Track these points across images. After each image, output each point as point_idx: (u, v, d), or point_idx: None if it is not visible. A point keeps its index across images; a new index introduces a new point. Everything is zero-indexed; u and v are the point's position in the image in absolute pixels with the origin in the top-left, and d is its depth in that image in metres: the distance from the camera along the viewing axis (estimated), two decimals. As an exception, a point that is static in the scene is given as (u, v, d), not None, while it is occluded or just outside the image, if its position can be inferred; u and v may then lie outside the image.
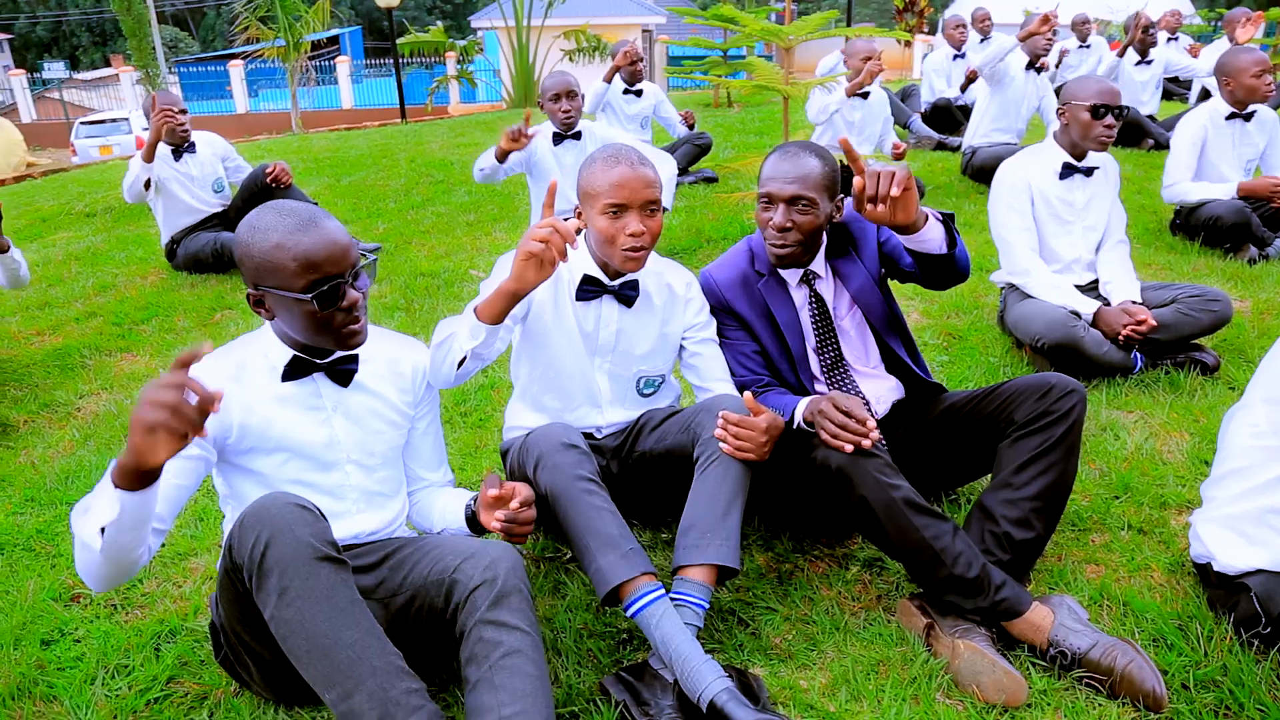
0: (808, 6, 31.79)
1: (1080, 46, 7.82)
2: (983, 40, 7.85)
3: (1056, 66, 7.37)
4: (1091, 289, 3.13)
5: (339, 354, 1.70)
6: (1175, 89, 8.13)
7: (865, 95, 4.91)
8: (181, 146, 4.51)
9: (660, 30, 21.66)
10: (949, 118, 6.59)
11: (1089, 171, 3.05)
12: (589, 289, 2.05)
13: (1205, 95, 7.09)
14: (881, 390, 2.23)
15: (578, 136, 4.27)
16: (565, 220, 1.75)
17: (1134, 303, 2.92)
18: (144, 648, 1.94)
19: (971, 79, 6.47)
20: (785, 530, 2.21)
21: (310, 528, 1.43)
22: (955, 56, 6.85)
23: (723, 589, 2.02)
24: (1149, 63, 6.35)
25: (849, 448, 1.77)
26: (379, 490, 1.81)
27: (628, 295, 2.07)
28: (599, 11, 18.76)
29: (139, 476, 1.32)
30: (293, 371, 1.67)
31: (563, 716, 1.69)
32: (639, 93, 5.96)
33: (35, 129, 20.96)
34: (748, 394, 1.85)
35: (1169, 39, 8.04)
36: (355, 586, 1.47)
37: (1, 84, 26.12)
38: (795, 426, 1.95)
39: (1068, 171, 3.03)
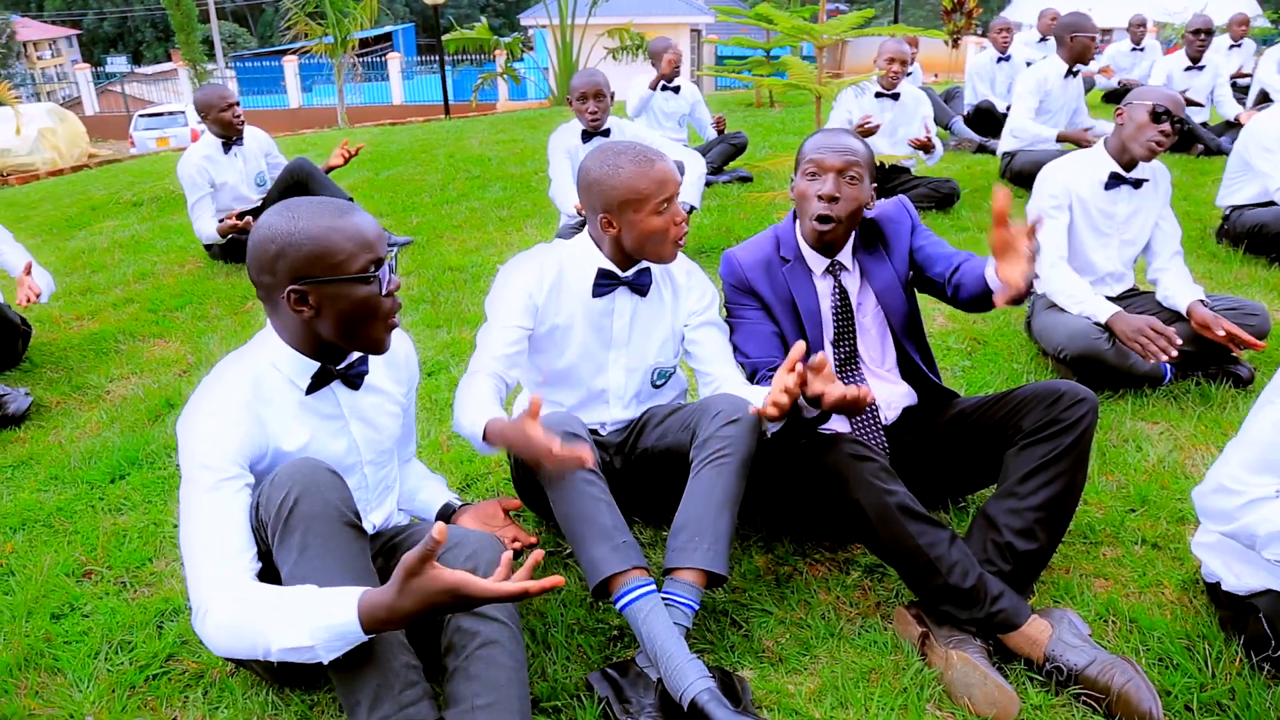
0: (864, 8, 31.41)
1: (1133, 49, 7.63)
2: (1041, 40, 7.69)
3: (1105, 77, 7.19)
4: (1124, 298, 3.04)
5: (352, 358, 1.65)
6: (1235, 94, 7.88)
7: (895, 96, 4.83)
8: (233, 139, 4.59)
9: (709, 30, 21.57)
10: (992, 121, 6.47)
11: (1138, 184, 2.94)
12: (604, 283, 2.04)
13: (1264, 99, 6.86)
14: (893, 395, 2.19)
15: (607, 134, 4.27)
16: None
17: (1202, 301, 2.80)
18: (147, 625, 1.98)
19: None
20: (787, 532, 2.18)
21: (338, 493, 1.45)
22: (999, 59, 6.71)
23: (717, 589, 2.00)
24: (1200, 68, 6.16)
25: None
26: (387, 484, 1.83)
27: (642, 284, 2.06)
28: (645, 10, 18.75)
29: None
30: (317, 383, 1.60)
31: (546, 710, 1.69)
32: (676, 89, 5.94)
33: (98, 121, 21.61)
34: (799, 344, 1.68)
35: (1232, 45, 7.78)
36: (370, 558, 1.49)
37: (69, 78, 26.96)
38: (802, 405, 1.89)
39: (1114, 182, 2.92)
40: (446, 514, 1.95)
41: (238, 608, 1.35)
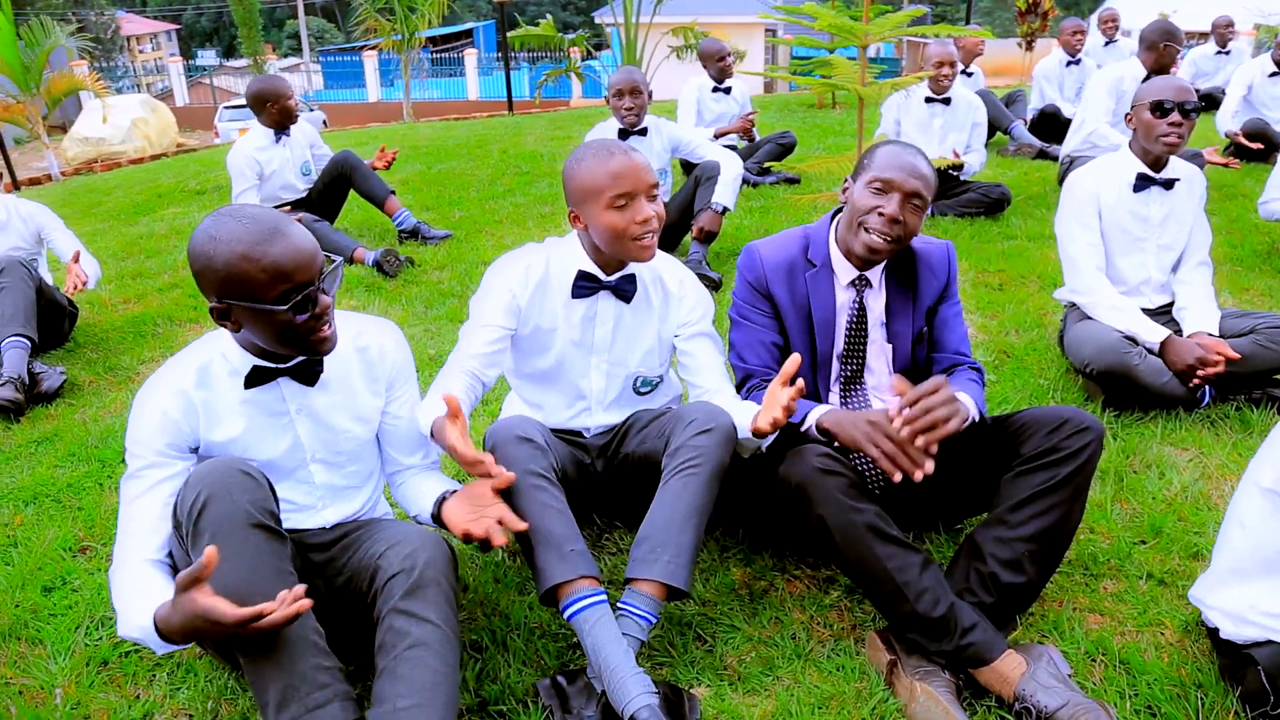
0: (945, 10, 30.69)
1: (1218, 52, 7.25)
2: (1107, 44, 7.36)
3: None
4: (1164, 313, 2.86)
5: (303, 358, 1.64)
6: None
7: (947, 101, 4.66)
8: (285, 128, 4.69)
9: (774, 28, 21.22)
10: (1056, 125, 6.19)
11: (1169, 184, 2.78)
12: (584, 285, 1.99)
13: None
14: None
15: (643, 133, 4.23)
16: None
17: (1210, 335, 2.64)
18: (129, 603, 2.02)
19: None
20: (769, 546, 2.11)
21: (250, 494, 1.44)
22: (1069, 63, 6.42)
23: (688, 601, 1.95)
24: (1289, 73, 5.78)
25: (899, 475, 1.62)
26: (346, 484, 1.79)
27: (625, 290, 2.01)
28: (711, 9, 18.56)
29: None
30: (254, 379, 1.62)
31: (492, 714, 1.67)
32: (727, 90, 5.86)
33: (187, 112, 22.46)
34: (795, 357, 1.69)
35: None
36: (288, 559, 1.48)
37: (167, 71, 28.12)
38: (804, 429, 1.83)
39: (1143, 184, 2.77)
40: (441, 502, 1.85)
41: (115, 586, 1.49)
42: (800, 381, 1.64)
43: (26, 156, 16.01)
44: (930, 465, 1.61)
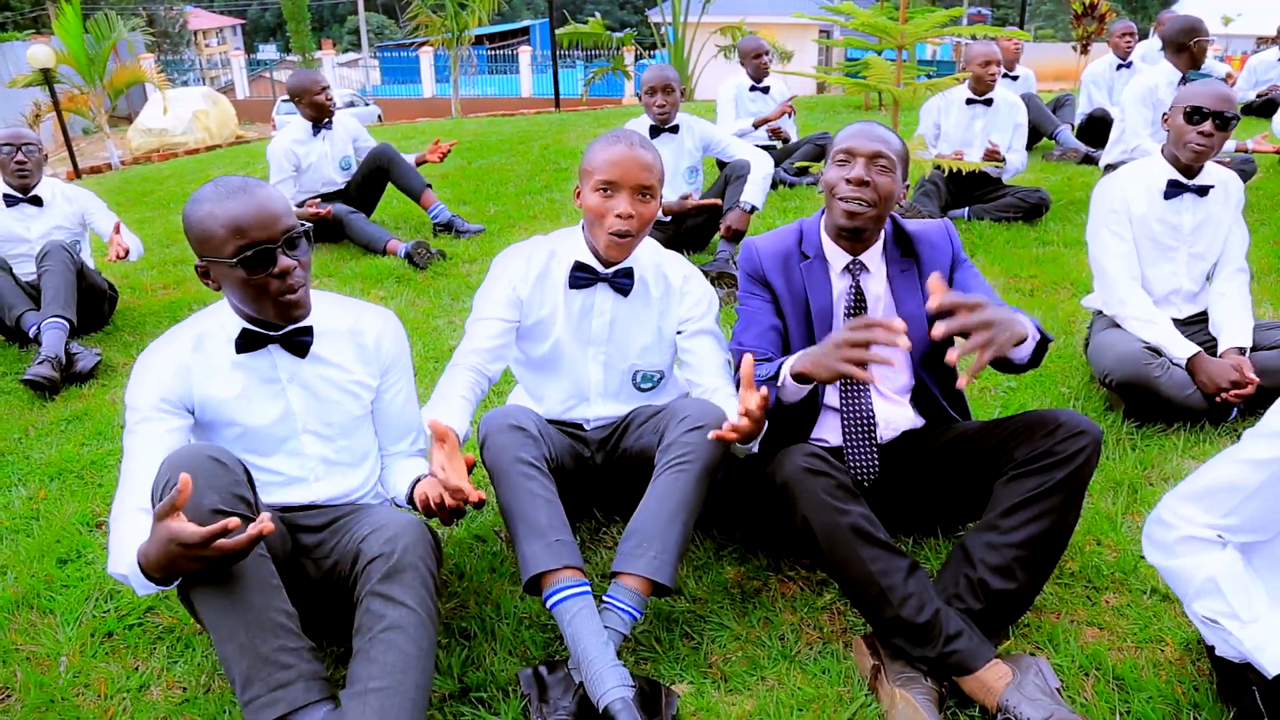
0: (1007, 12, 30.11)
1: (1281, 58, 6.99)
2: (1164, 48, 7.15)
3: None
4: (1194, 322, 2.77)
5: (291, 326, 1.70)
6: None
7: (989, 102, 4.57)
8: (323, 122, 4.79)
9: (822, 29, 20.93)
10: (1105, 130, 6.02)
11: (1203, 190, 2.69)
12: (581, 276, 2.01)
13: None
14: (896, 416, 2.05)
15: (675, 130, 4.22)
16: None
17: (1240, 350, 2.55)
18: (137, 578, 2.08)
19: None
20: (765, 546, 2.10)
21: (217, 480, 1.46)
22: (1119, 66, 6.24)
23: (679, 598, 1.94)
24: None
25: (890, 357, 1.55)
26: (338, 460, 1.82)
27: (622, 284, 2.02)
28: (764, 9, 18.41)
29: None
30: (245, 344, 1.68)
31: (472, 701, 1.68)
32: (766, 89, 5.83)
33: (247, 105, 23.04)
34: (747, 358, 1.67)
35: None
36: (260, 543, 1.48)
37: (231, 65, 28.84)
38: (779, 384, 1.79)
39: (1174, 190, 2.68)
40: (416, 482, 1.87)
41: (111, 531, 1.53)
42: (765, 391, 1.64)
43: (94, 146, 16.56)
44: (905, 342, 1.51)
